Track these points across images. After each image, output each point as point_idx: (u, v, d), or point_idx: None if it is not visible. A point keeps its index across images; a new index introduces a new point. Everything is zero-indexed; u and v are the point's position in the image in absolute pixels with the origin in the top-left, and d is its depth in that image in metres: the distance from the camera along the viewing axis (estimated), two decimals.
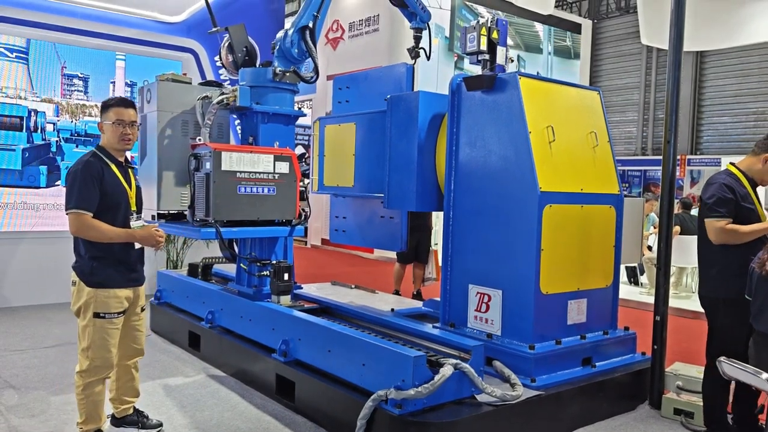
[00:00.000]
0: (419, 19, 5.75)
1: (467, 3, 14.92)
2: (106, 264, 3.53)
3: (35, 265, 7.70)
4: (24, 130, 7.76)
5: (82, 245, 3.53)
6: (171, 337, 6.15)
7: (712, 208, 3.92)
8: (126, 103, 3.67)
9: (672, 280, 8.73)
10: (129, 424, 3.93)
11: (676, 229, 9.43)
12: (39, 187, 7.81)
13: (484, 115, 4.55)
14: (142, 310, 3.84)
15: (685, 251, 9.18)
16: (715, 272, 3.95)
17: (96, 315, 3.51)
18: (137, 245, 3.66)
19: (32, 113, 7.81)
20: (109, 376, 3.69)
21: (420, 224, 7.78)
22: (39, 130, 7.82)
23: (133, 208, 3.69)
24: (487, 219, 4.51)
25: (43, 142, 7.85)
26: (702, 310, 4.16)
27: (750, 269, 3.59)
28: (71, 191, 3.44)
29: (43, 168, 7.85)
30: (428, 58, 5.75)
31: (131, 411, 3.95)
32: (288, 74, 5.12)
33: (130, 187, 3.69)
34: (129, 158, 3.85)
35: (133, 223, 3.64)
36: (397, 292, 7.87)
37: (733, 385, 3.87)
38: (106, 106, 3.64)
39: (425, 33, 5.75)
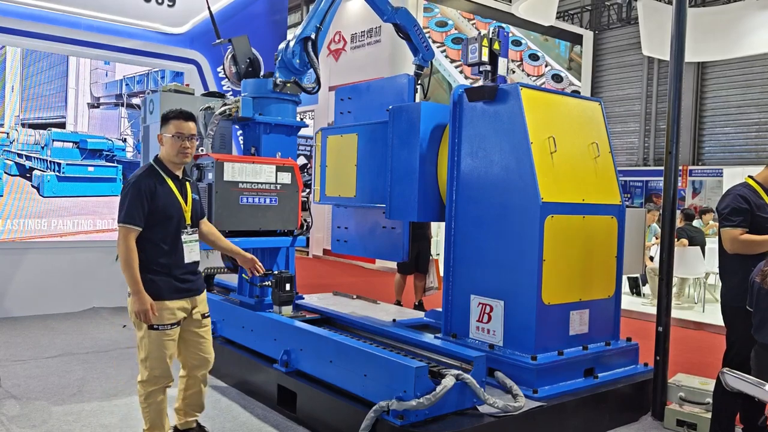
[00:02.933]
0: (422, 56, 5.80)
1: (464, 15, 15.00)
2: (154, 275, 3.49)
3: (38, 275, 7.70)
4: None
5: None
6: None
7: (727, 218, 3.97)
8: (186, 115, 3.62)
9: (674, 290, 8.72)
10: None
11: (684, 241, 9.41)
12: None
13: (486, 125, 4.57)
14: (204, 317, 3.75)
15: (688, 262, 9.18)
16: (737, 281, 3.95)
17: (150, 327, 3.49)
18: (187, 259, 3.61)
19: None
20: (170, 385, 3.65)
21: (420, 234, 7.77)
22: None
23: (188, 222, 3.64)
24: (488, 229, 4.52)
25: None
26: (706, 321, 4.15)
27: (751, 280, 3.59)
28: (122, 204, 3.44)
29: None
30: (425, 95, 5.83)
31: (194, 425, 3.91)
32: (289, 85, 5.14)
33: (186, 201, 3.62)
34: (186, 171, 3.77)
35: (185, 237, 3.61)
36: (398, 303, 7.86)
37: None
38: (166, 119, 3.60)
39: (426, 70, 5.82)
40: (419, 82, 5.72)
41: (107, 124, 8.48)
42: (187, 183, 3.68)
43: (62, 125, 8.20)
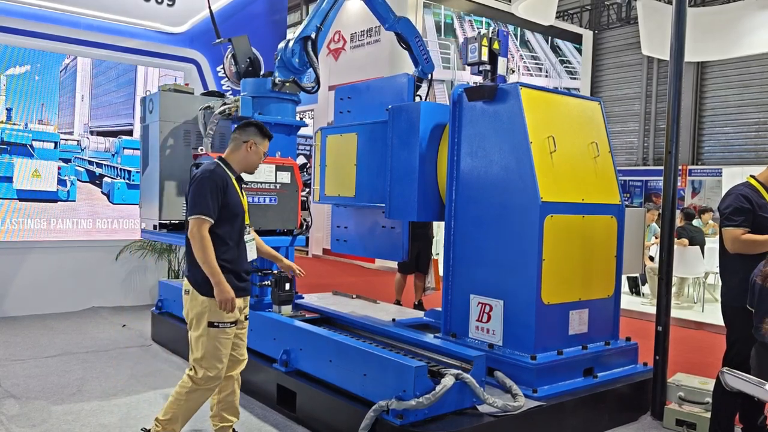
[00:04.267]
0: (421, 69, 5.78)
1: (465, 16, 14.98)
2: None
3: (38, 275, 7.70)
4: None
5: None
6: (172, 346, 6.14)
7: (729, 218, 3.96)
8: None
9: (674, 290, 8.72)
10: None
11: (684, 240, 9.41)
12: None
13: (486, 125, 4.57)
14: (246, 318, 3.79)
15: (687, 262, 9.19)
16: (738, 281, 3.94)
17: (210, 324, 3.48)
18: (249, 257, 3.67)
19: None
20: (214, 389, 3.64)
21: (421, 234, 7.77)
22: None
23: (247, 221, 3.70)
24: (488, 229, 4.52)
25: None
26: (705, 321, 4.14)
27: (751, 280, 3.59)
28: (197, 197, 3.44)
29: None
30: None
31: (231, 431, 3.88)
32: (288, 84, 5.13)
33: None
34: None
35: (246, 237, 3.66)
36: (398, 303, 7.86)
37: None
38: (264, 134, 3.71)
39: (425, 82, 5.81)
40: (417, 93, 5.69)
41: None
42: (242, 185, 3.75)
43: (129, 133, 8.40)
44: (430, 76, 5.85)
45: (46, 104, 7.85)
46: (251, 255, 3.71)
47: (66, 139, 7.98)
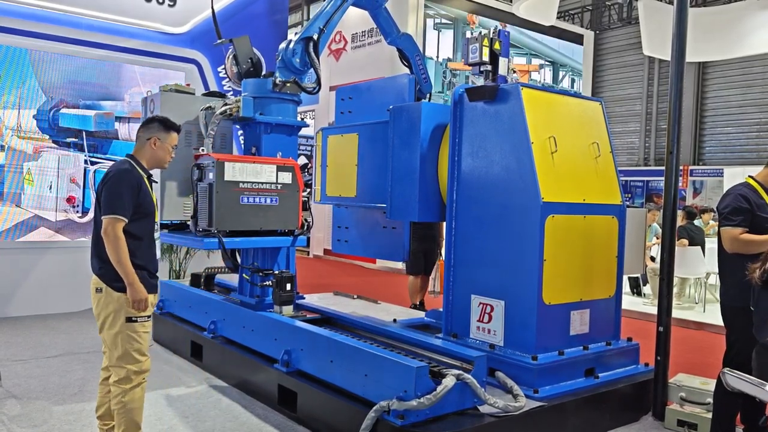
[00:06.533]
0: (419, 88, 5.76)
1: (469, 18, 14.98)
2: (135, 269, 3.49)
3: (38, 275, 7.70)
4: None
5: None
6: (173, 347, 6.15)
7: (728, 217, 3.97)
8: (179, 129, 3.87)
9: (675, 290, 8.71)
10: None
11: (684, 241, 9.39)
12: None
13: (487, 125, 4.57)
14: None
15: (688, 262, 9.18)
16: (737, 281, 3.94)
17: (128, 320, 3.51)
18: (158, 255, 3.71)
19: None
20: (145, 380, 3.64)
21: (428, 235, 7.71)
22: None
23: (157, 219, 3.75)
24: (489, 229, 4.52)
25: None
26: (706, 321, 4.14)
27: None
28: (112, 197, 3.45)
29: None
30: None
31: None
32: (288, 84, 5.13)
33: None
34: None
35: (157, 234, 3.71)
36: (414, 306, 7.70)
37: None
38: (168, 128, 3.75)
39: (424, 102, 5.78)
40: None
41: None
42: (153, 183, 3.81)
43: None
44: (428, 96, 5.82)
45: None
46: (158, 253, 3.78)
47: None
